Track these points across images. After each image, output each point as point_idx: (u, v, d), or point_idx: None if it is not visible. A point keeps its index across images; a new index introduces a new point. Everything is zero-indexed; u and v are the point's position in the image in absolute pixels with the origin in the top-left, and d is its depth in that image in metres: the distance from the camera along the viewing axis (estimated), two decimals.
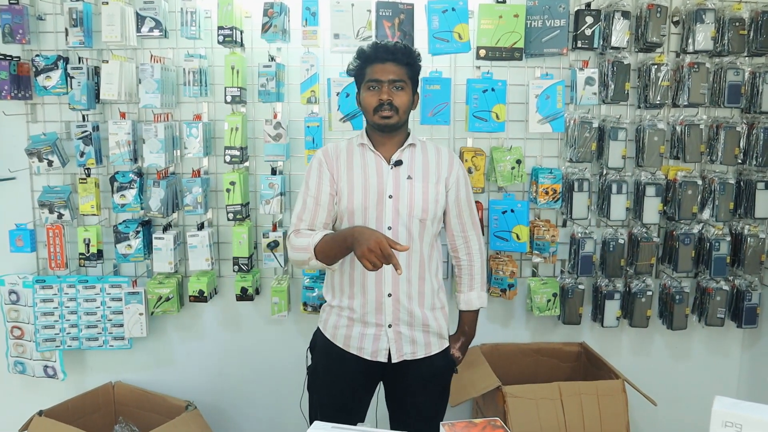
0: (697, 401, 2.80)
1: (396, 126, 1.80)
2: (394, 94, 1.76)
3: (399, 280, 1.79)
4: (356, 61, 1.82)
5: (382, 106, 1.75)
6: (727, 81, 2.49)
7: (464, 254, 1.96)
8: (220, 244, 2.61)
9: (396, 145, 1.84)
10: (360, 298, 1.81)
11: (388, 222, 1.78)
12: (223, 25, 2.29)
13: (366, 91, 1.79)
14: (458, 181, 1.88)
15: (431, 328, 1.87)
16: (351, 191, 1.80)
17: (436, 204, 1.82)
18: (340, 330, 1.86)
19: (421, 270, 1.83)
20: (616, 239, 2.56)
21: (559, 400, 2.29)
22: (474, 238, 1.96)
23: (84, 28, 2.35)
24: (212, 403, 2.70)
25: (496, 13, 2.39)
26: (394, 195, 1.79)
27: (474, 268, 1.97)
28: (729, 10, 2.48)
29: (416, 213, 1.79)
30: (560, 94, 2.46)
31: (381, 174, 1.81)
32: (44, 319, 2.55)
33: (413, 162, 1.83)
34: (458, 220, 1.91)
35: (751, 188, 2.55)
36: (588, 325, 2.73)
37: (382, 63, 1.77)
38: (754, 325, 2.64)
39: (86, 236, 2.48)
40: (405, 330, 1.83)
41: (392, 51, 1.77)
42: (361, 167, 1.82)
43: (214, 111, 2.54)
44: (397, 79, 1.76)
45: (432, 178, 1.83)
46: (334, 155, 1.85)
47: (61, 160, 2.46)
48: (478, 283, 1.98)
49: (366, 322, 1.82)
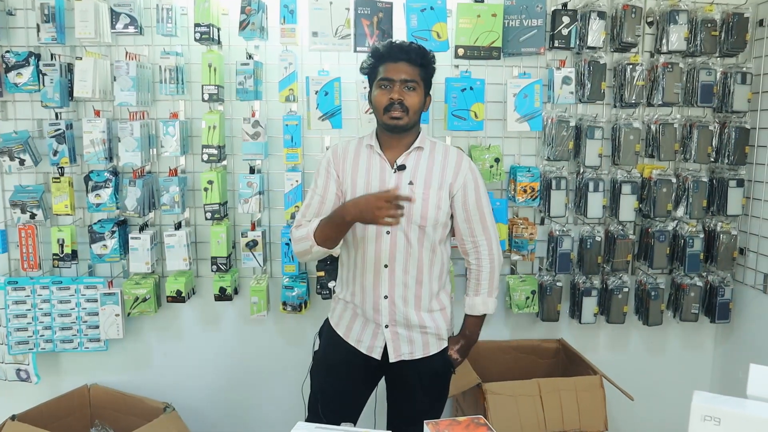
0: (672, 395, 2.86)
1: (405, 127, 1.78)
2: (405, 93, 1.74)
3: (395, 284, 1.80)
4: (370, 60, 1.81)
5: (392, 105, 1.73)
6: (700, 81, 2.54)
7: (473, 259, 1.91)
8: (197, 244, 2.59)
9: (404, 147, 1.82)
10: (359, 295, 1.85)
11: (387, 227, 1.76)
12: (200, 22, 2.27)
13: (378, 89, 1.77)
14: (465, 185, 1.83)
15: (429, 330, 1.87)
16: (353, 193, 1.80)
17: (437, 210, 1.79)
18: (344, 320, 1.90)
19: (419, 275, 1.82)
20: (593, 237, 2.60)
21: (538, 396, 2.32)
22: (484, 243, 1.89)
23: (56, 23, 2.31)
24: (191, 404, 2.67)
25: (474, 13, 2.41)
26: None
27: (482, 274, 1.91)
28: (701, 11, 2.53)
29: (415, 219, 1.77)
30: (538, 93, 2.48)
31: (384, 178, 1.80)
32: (17, 322, 2.50)
33: (417, 166, 1.81)
34: (466, 225, 1.87)
35: (724, 186, 2.61)
36: (566, 321, 2.77)
37: (395, 62, 1.74)
38: (726, 320, 2.70)
39: (60, 236, 2.43)
40: (402, 331, 1.84)
41: (406, 50, 1.75)
42: (366, 169, 1.82)
43: (191, 109, 2.51)
44: (409, 79, 1.74)
45: (435, 183, 1.80)
46: (342, 156, 1.86)
47: (34, 159, 2.41)
48: (485, 289, 1.91)
49: (366, 318, 1.86)
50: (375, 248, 1.80)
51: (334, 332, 1.91)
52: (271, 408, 2.72)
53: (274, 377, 2.69)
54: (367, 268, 1.82)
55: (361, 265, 1.82)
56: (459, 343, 1.95)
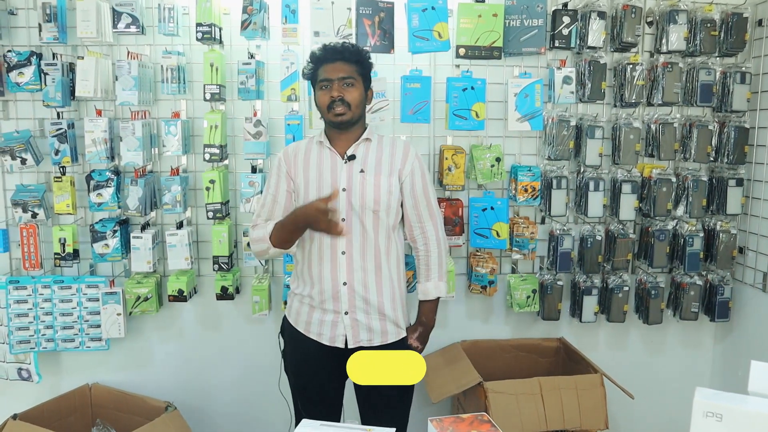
0: (672, 393, 2.87)
1: (350, 122, 1.87)
2: (344, 90, 1.84)
3: (354, 269, 1.87)
4: (309, 65, 1.91)
5: (334, 102, 1.83)
6: (700, 80, 2.55)
7: (421, 244, 1.99)
8: (199, 243, 2.59)
9: (352, 140, 1.91)
10: (318, 285, 1.89)
11: (342, 214, 1.85)
12: (202, 22, 2.27)
13: (319, 90, 1.87)
14: (413, 172, 1.92)
15: (388, 317, 1.92)
16: (306, 187, 1.89)
17: (389, 195, 1.88)
18: (302, 316, 1.94)
19: (377, 260, 1.89)
20: (593, 236, 2.61)
21: (539, 395, 2.32)
22: (431, 228, 1.98)
23: (58, 23, 2.31)
24: (192, 403, 2.67)
25: (476, 12, 2.41)
26: (348, 188, 1.86)
27: (431, 258, 1.98)
28: (701, 11, 2.54)
29: (368, 204, 1.86)
30: (538, 92, 2.49)
31: (335, 169, 1.89)
32: (18, 321, 2.50)
33: (367, 156, 1.90)
34: (414, 211, 1.95)
35: (723, 185, 2.62)
36: (566, 320, 2.77)
37: (332, 63, 1.85)
38: (726, 319, 2.71)
39: (62, 236, 2.43)
40: (361, 317, 1.89)
41: (340, 51, 1.86)
42: (317, 164, 1.91)
43: (193, 109, 2.51)
44: (346, 76, 1.84)
45: (384, 170, 1.89)
46: (293, 154, 1.95)
47: (35, 158, 2.41)
48: (435, 273, 1.99)
49: (324, 309, 1.90)
50: (331, 236, 1.83)
51: (295, 329, 1.96)
52: (273, 407, 2.71)
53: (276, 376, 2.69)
54: (324, 257, 1.87)
55: (318, 255, 1.88)
56: (417, 331, 1.99)
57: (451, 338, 2.71)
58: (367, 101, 1.94)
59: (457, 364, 2.49)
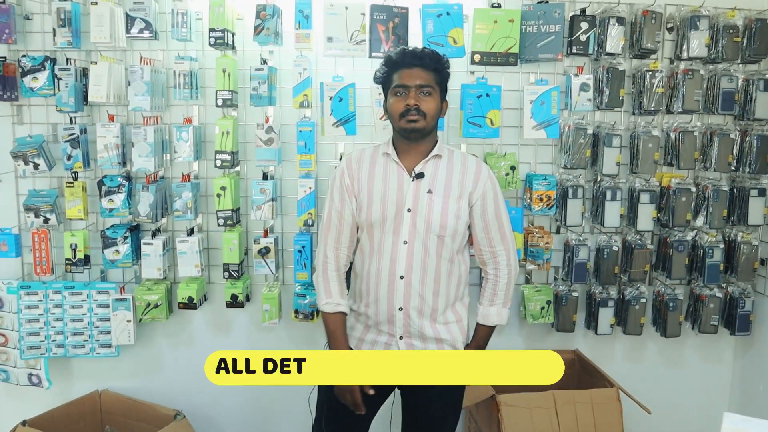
0: (690, 409, 2.81)
1: (422, 132, 1.75)
2: (421, 99, 1.72)
3: (411, 295, 1.77)
4: (383, 68, 1.79)
5: (409, 111, 1.71)
6: (721, 88, 2.49)
7: (491, 269, 1.88)
8: (210, 250, 2.57)
9: (421, 154, 1.79)
10: (374, 307, 1.81)
11: (405, 236, 1.75)
12: (215, 27, 2.26)
13: (393, 96, 1.75)
14: (485, 195, 1.81)
15: (445, 342, 1.84)
16: (371, 203, 1.78)
17: (457, 220, 1.77)
18: (355, 332, 1.88)
19: (436, 286, 1.79)
20: (610, 246, 2.55)
21: (553, 408, 2.27)
22: (503, 253, 1.86)
23: (72, 28, 2.30)
24: (201, 412, 2.65)
25: (491, 18, 2.38)
26: (413, 209, 1.75)
27: (498, 284, 1.87)
28: (723, 17, 2.48)
29: (434, 229, 1.75)
30: (555, 100, 2.44)
31: (402, 186, 1.77)
32: (29, 326, 2.49)
33: (436, 175, 1.78)
34: (485, 235, 1.84)
35: (745, 195, 2.55)
36: (581, 332, 2.72)
37: (409, 68, 1.73)
38: (747, 333, 2.64)
39: (73, 241, 2.42)
40: (417, 343, 1.81)
41: (420, 56, 1.74)
42: (383, 178, 1.79)
43: (205, 114, 2.50)
44: (424, 84, 1.72)
45: (454, 192, 1.78)
46: (357, 164, 1.83)
47: (48, 164, 2.41)
48: (501, 300, 1.88)
49: (380, 330, 1.83)
50: (391, 258, 1.76)
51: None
52: (282, 417, 2.69)
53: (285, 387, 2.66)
54: (381, 279, 1.78)
55: (375, 276, 1.79)
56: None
57: None
58: (442, 113, 1.82)
59: None
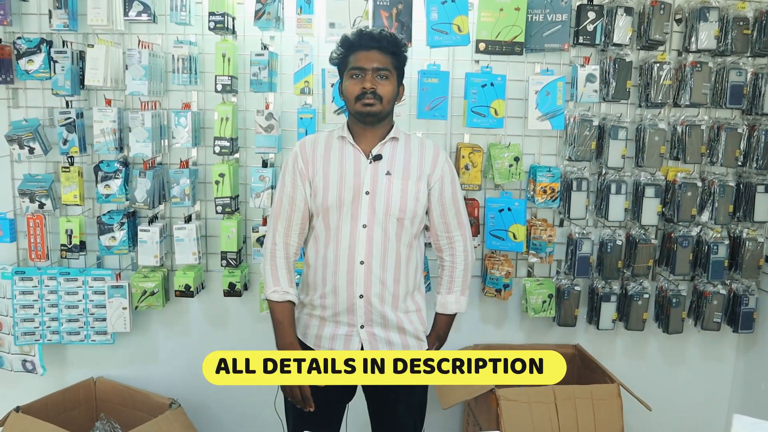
0: (691, 406, 2.79)
1: (378, 116, 1.70)
2: (378, 83, 1.67)
3: (372, 282, 1.72)
4: (339, 49, 1.73)
5: (365, 94, 1.66)
6: (730, 81, 2.45)
7: (447, 255, 1.86)
8: (207, 238, 2.54)
9: (377, 138, 1.75)
10: (331, 297, 1.75)
11: (363, 220, 1.70)
12: (215, 11, 2.22)
13: (349, 79, 1.70)
14: (443, 178, 1.78)
15: (407, 331, 1.79)
16: (326, 187, 1.72)
17: (416, 202, 1.73)
18: (311, 330, 1.81)
19: (397, 272, 1.75)
20: (613, 240, 2.52)
21: (553, 403, 2.25)
22: (459, 239, 1.84)
23: (69, 10, 2.26)
24: (197, 401, 2.63)
25: (497, 6, 2.33)
26: (371, 191, 1.71)
27: (455, 271, 1.86)
28: (733, 8, 2.43)
29: (393, 212, 1.71)
30: (560, 90, 2.40)
31: (359, 169, 1.72)
32: (23, 312, 2.47)
33: (394, 157, 1.74)
34: (442, 220, 1.82)
35: (751, 191, 2.52)
36: (583, 327, 2.69)
37: (366, 50, 1.68)
38: (750, 330, 2.61)
39: (68, 227, 2.39)
40: (379, 331, 1.76)
41: (377, 38, 1.68)
42: (339, 161, 1.74)
43: (204, 100, 2.46)
44: (381, 67, 1.67)
45: (413, 174, 1.74)
46: (312, 148, 1.78)
47: (43, 148, 2.37)
48: (458, 287, 1.86)
49: (338, 321, 1.76)
50: (350, 243, 1.70)
51: (303, 343, 1.81)
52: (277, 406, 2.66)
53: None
54: (340, 266, 1.72)
55: (333, 263, 1.72)
56: (435, 345, 1.88)
57: (464, 342, 2.64)
58: (398, 97, 1.77)
59: None
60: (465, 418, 2.64)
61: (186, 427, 2.33)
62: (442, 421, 2.65)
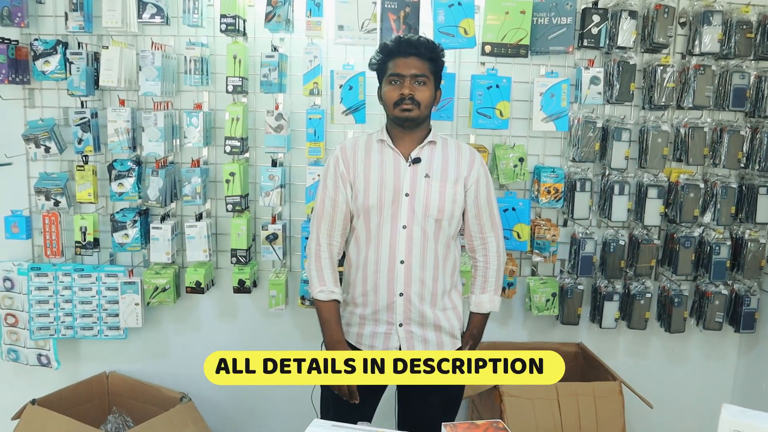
0: (692, 404, 2.81)
1: (416, 120, 1.76)
2: (416, 88, 1.73)
3: (412, 280, 1.78)
4: (378, 55, 1.80)
5: (403, 99, 1.72)
6: (733, 84, 2.48)
7: (481, 255, 1.91)
8: (218, 236, 2.59)
9: (416, 141, 1.80)
10: (372, 295, 1.81)
11: (403, 221, 1.76)
12: (226, 14, 2.26)
13: (387, 85, 1.76)
14: (478, 180, 1.83)
15: (443, 329, 1.85)
16: (367, 188, 1.78)
17: (453, 204, 1.79)
18: (353, 328, 1.87)
19: (435, 271, 1.80)
20: (616, 240, 2.55)
21: (555, 400, 2.28)
22: (492, 240, 1.89)
23: (84, 12, 2.31)
24: (207, 395, 2.67)
25: (503, 9, 2.37)
26: (411, 193, 1.77)
27: (489, 271, 1.91)
28: (736, 12, 2.46)
29: (432, 212, 1.77)
30: (565, 92, 2.44)
31: (398, 171, 1.78)
32: (39, 307, 2.52)
33: (432, 160, 1.80)
34: (476, 221, 1.87)
35: (753, 193, 2.54)
36: (586, 325, 2.73)
37: (404, 57, 1.74)
38: (751, 330, 2.63)
39: (83, 224, 2.45)
40: (416, 329, 1.82)
41: (415, 45, 1.74)
42: (379, 164, 1.79)
43: (215, 100, 2.51)
44: (419, 73, 1.73)
45: (450, 177, 1.80)
46: (352, 152, 1.83)
47: (59, 147, 2.43)
48: (492, 287, 1.91)
49: (377, 320, 1.82)
50: (390, 243, 1.77)
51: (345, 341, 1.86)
52: (286, 401, 2.72)
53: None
54: (381, 265, 1.78)
55: (375, 263, 1.79)
56: (469, 343, 1.92)
57: None
58: (435, 101, 1.82)
59: None
60: (469, 414, 2.68)
61: (196, 421, 2.38)
62: None
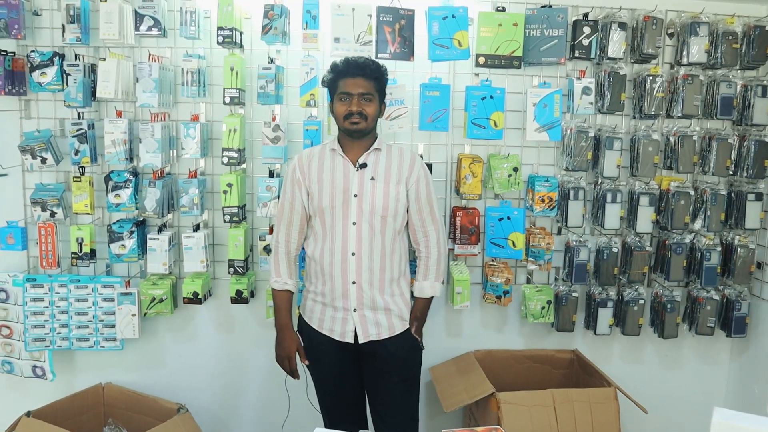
0: (686, 409, 2.84)
1: (364, 131, 2.00)
2: (363, 105, 1.98)
3: (362, 270, 2.01)
4: (330, 74, 2.03)
5: (352, 114, 1.97)
6: (720, 93, 2.53)
7: (423, 247, 2.14)
8: (215, 246, 2.60)
9: (363, 149, 2.04)
10: (329, 284, 2.04)
11: (353, 218, 2.00)
12: (223, 26, 2.28)
13: (338, 101, 2.00)
14: (418, 181, 2.07)
15: (392, 312, 2.07)
16: (321, 191, 2.03)
17: (396, 202, 2.03)
18: (315, 314, 2.10)
19: (383, 261, 2.04)
20: (609, 248, 2.59)
21: (552, 407, 2.30)
22: (433, 233, 2.12)
23: (81, 24, 2.32)
24: (204, 406, 2.67)
25: (496, 21, 2.41)
26: (359, 194, 2.00)
27: (430, 260, 2.13)
28: (722, 23, 2.52)
29: (378, 210, 2.01)
30: (557, 103, 2.48)
31: (347, 175, 2.02)
32: (34, 319, 2.51)
33: (377, 165, 2.04)
34: (418, 216, 2.10)
35: (742, 199, 2.60)
36: (581, 332, 2.75)
37: (353, 78, 1.98)
38: (742, 335, 2.68)
39: (79, 235, 2.45)
40: (369, 313, 2.05)
41: (362, 66, 1.99)
42: (330, 170, 2.04)
43: (212, 112, 2.52)
44: (365, 92, 1.98)
45: (393, 179, 2.04)
46: (308, 160, 2.08)
47: (55, 158, 2.43)
48: (433, 274, 2.14)
49: (335, 306, 2.05)
50: (342, 238, 2.01)
51: (309, 326, 2.11)
52: (284, 412, 2.71)
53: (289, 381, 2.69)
54: (335, 257, 2.01)
55: (330, 255, 2.02)
56: (414, 325, 2.13)
57: (464, 347, 2.70)
58: (380, 113, 2.08)
59: (470, 374, 2.48)
60: (466, 422, 2.69)
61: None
62: (443, 424, 2.70)
